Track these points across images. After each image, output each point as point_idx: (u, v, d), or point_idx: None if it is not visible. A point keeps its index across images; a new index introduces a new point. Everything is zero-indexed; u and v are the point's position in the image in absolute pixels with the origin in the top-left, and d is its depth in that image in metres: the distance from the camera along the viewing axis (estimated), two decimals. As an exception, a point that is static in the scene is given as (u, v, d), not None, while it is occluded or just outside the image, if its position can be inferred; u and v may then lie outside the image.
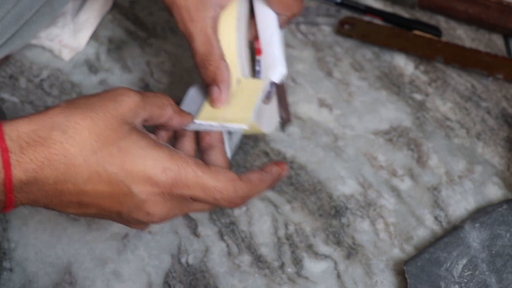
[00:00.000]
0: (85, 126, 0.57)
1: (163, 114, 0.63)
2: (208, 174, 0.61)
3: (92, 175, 0.57)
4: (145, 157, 0.58)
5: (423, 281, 0.69)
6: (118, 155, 0.57)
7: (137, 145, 0.58)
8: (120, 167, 0.57)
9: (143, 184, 0.58)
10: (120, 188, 0.58)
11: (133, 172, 0.58)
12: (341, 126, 0.83)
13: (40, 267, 0.72)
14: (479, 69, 0.85)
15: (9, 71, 0.86)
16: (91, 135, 0.57)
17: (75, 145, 0.56)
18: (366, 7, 0.92)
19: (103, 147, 0.57)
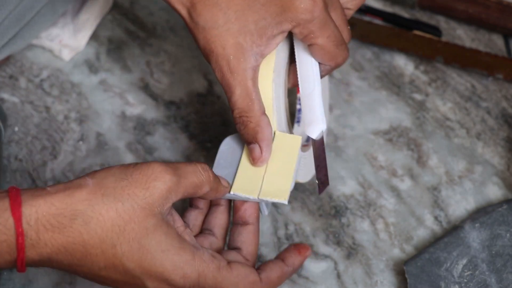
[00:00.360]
0: (108, 218, 0.55)
1: (198, 192, 0.60)
2: (228, 279, 0.59)
3: (108, 265, 0.56)
4: (165, 261, 0.56)
5: (423, 281, 0.69)
6: (137, 253, 0.56)
7: (159, 247, 0.56)
8: (138, 264, 0.56)
9: (158, 282, 0.57)
10: (135, 281, 0.57)
11: (151, 272, 0.56)
12: (341, 126, 0.83)
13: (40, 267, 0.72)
14: (479, 69, 0.85)
15: (9, 71, 0.86)
16: (113, 229, 0.55)
17: (95, 238, 0.55)
18: (366, 7, 0.92)
19: (123, 242, 0.55)
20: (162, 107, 0.83)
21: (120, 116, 0.83)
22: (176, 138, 0.81)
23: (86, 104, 0.84)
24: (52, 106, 0.83)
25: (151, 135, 0.81)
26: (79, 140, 0.81)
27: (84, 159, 0.80)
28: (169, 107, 0.84)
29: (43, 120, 0.82)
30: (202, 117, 0.83)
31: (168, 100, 0.84)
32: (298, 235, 0.75)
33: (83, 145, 0.81)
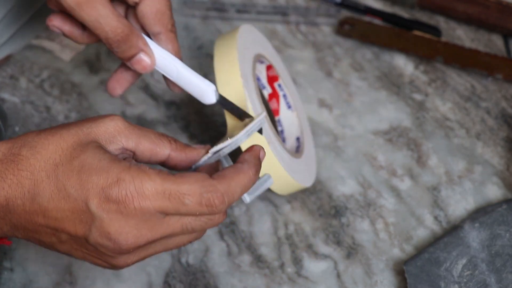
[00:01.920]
0: (53, 141, 0.55)
1: (157, 151, 0.59)
2: (170, 179, 0.54)
3: (53, 191, 0.55)
4: (99, 170, 0.54)
5: (423, 281, 0.69)
6: (76, 169, 0.54)
7: (95, 159, 0.55)
8: (77, 181, 0.54)
9: (98, 198, 0.54)
10: (78, 204, 0.54)
11: (88, 184, 0.54)
12: (341, 126, 0.83)
13: (40, 267, 0.72)
14: (479, 69, 0.85)
15: (10, 71, 0.86)
16: (56, 150, 0.55)
17: (40, 160, 0.55)
18: (366, 7, 0.92)
19: (65, 162, 0.55)
20: (162, 107, 0.84)
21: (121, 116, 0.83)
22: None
23: (87, 104, 0.84)
24: (52, 106, 0.83)
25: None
26: (80, 140, 0.81)
27: (85, 159, 0.80)
28: (169, 107, 0.84)
29: (43, 120, 0.82)
30: (202, 117, 0.83)
31: (168, 100, 0.84)
32: (298, 235, 0.75)
33: (83, 145, 0.81)
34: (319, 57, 0.88)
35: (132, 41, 0.63)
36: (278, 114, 0.78)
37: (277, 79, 0.78)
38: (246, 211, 0.76)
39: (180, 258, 0.73)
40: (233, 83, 0.68)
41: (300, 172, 0.73)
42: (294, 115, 0.78)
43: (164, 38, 0.66)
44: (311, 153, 0.78)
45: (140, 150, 0.58)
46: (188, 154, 0.60)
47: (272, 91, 0.78)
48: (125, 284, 0.71)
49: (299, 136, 0.77)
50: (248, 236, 0.75)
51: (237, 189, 0.56)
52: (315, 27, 0.91)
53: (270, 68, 0.77)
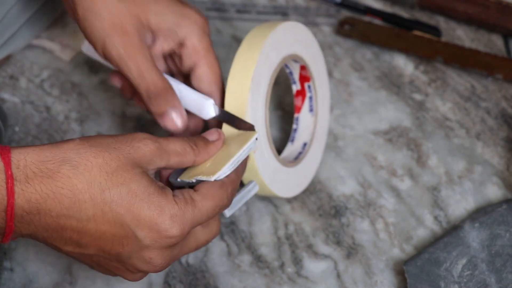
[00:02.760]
0: (96, 164, 0.56)
1: (183, 161, 0.62)
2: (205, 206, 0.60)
3: (96, 213, 0.55)
4: (151, 204, 0.57)
5: (423, 281, 0.69)
6: (126, 197, 0.56)
7: (146, 191, 0.57)
8: (127, 209, 0.56)
9: (148, 230, 0.57)
10: (124, 230, 0.56)
11: (139, 217, 0.56)
12: (341, 126, 0.83)
13: (40, 267, 0.72)
14: (479, 69, 0.85)
15: (10, 71, 0.86)
16: (101, 174, 0.56)
17: (83, 182, 0.55)
18: (366, 8, 0.92)
19: (112, 187, 0.56)
20: (162, 107, 0.84)
21: (121, 116, 0.83)
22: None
23: (87, 104, 0.84)
24: (52, 106, 0.83)
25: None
26: (80, 140, 0.81)
27: (85, 159, 0.80)
28: (169, 107, 0.84)
29: (43, 120, 0.82)
30: (202, 117, 0.83)
31: (168, 100, 0.84)
32: (298, 235, 0.75)
33: (83, 145, 0.81)
34: (319, 57, 0.88)
35: (168, 97, 0.66)
36: (299, 112, 0.78)
37: (308, 80, 0.77)
38: (246, 211, 0.76)
39: (180, 258, 0.73)
40: (242, 83, 0.68)
41: (284, 182, 0.73)
42: (312, 120, 0.78)
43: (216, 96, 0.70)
44: (314, 160, 0.78)
45: (170, 165, 0.61)
46: (210, 153, 0.64)
47: (301, 89, 0.77)
48: (125, 284, 0.71)
49: (306, 142, 0.77)
50: (248, 236, 0.75)
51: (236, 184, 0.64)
52: (315, 27, 0.91)
53: (304, 68, 0.76)
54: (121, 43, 0.64)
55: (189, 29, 0.67)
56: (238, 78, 0.68)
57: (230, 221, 0.76)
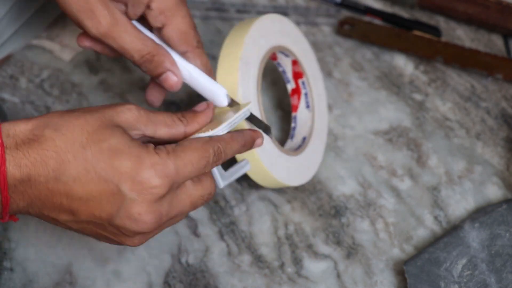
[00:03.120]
0: (78, 124, 0.57)
1: (173, 132, 0.63)
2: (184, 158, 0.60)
3: (80, 172, 0.56)
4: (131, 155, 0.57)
5: (423, 281, 0.69)
6: (107, 152, 0.57)
7: (126, 144, 0.58)
8: (108, 163, 0.57)
9: (131, 182, 0.57)
10: (108, 186, 0.57)
11: (121, 169, 0.57)
12: (341, 126, 0.83)
13: (40, 267, 0.72)
14: (479, 69, 0.85)
15: (10, 71, 0.86)
16: (82, 132, 0.57)
17: (65, 141, 0.56)
18: (366, 8, 0.92)
19: (93, 144, 0.57)
20: (162, 107, 0.84)
21: (121, 116, 0.83)
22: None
23: (87, 104, 0.84)
24: (52, 106, 0.83)
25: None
26: (80, 140, 0.81)
27: (85, 159, 0.80)
28: (169, 107, 0.84)
29: (43, 120, 0.82)
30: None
31: (168, 100, 0.84)
32: (298, 235, 0.75)
33: (83, 145, 0.81)
34: (319, 57, 0.88)
35: (158, 61, 0.67)
36: (296, 110, 0.79)
37: (301, 76, 0.78)
38: (246, 211, 0.76)
39: (180, 258, 0.73)
40: (231, 63, 0.70)
41: (284, 168, 0.73)
42: (310, 115, 0.78)
43: (192, 56, 0.69)
44: (316, 154, 0.78)
45: (158, 135, 0.62)
46: (200, 122, 0.65)
47: (296, 87, 0.78)
48: (125, 284, 0.71)
49: (305, 136, 0.77)
50: (248, 236, 0.75)
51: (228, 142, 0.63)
52: (315, 27, 0.91)
53: (296, 63, 0.77)
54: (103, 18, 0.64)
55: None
56: (227, 60, 0.70)
57: (230, 221, 0.76)
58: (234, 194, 0.78)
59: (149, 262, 0.73)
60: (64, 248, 0.73)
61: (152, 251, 0.73)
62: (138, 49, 0.66)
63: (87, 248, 0.73)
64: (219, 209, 0.76)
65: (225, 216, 0.76)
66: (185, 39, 0.68)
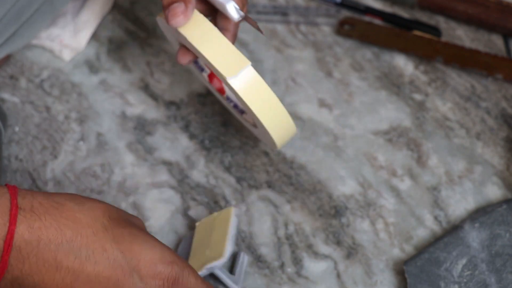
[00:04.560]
0: (101, 206, 0.56)
1: None
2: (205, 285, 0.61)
3: (96, 250, 0.54)
4: (154, 247, 0.57)
5: (423, 281, 0.69)
6: (128, 238, 0.56)
7: (148, 236, 0.57)
8: (128, 248, 0.56)
9: (147, 270, 0.56)
10: (121, 271, 0.55)
11: (140, 256, 0.56)
12: (341, 126, 0.83)
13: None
14: (479, 69, 0.85)
15: (10, 71, 0.86)
16: (104, 216, 0.56)
17: (87, 217, 0.55)
18: (366, 7, 0.92)
19: (114, 228, 0.56)
20: (162, 107, 0.84)
21: (120, 116, 0.83)
22: (176, 138, 0.82)
23: (87, 104, 0.84)
24: (52, 106, 0.83)
25: (151, 135, 0.82)
26: (80, 140, 0.81)
27: (85, 159, 0.80)
28: (169, 107, 0.84)
29: (43, 120, 0.82)
30: (202, 117, 0.83)
31: (168, 100, 0.84)
32: (298, 235, 0.75)
33: (83, 145, 0.81)
34: (319, 57, 0.88)
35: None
36: (224, 92, 0.77)
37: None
38: (246, 211, 0.76)
39: (180, 258, 0.73)
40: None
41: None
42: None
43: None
44: None
45: None
46: None
47: (210, 72, 0.77)
48: (125, 284, 0.71)
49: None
50: (248, 236, 0.75)
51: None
52: (315, 27, 0.91)
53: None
54: None
55: None
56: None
57: (230, 221, 0.76)
58: (234, 194, 0.78)
59: (149, 262, 0.73)
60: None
61: (152, 251, 0.73)
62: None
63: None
64: (219, 209, 0.76)
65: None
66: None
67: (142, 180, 0.79)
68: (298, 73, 0.87)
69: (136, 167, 0.79)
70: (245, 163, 0.80)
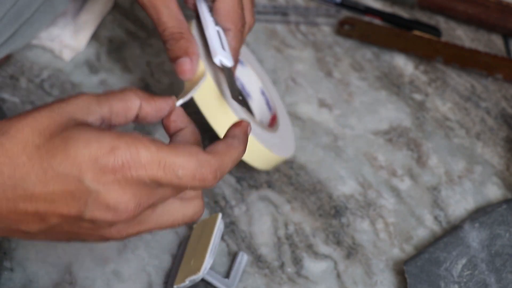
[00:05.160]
0: (26, 123, 0.52)
1: (128, 106, 0.57)
2: (165, 150, 0.53)
3: (38, 173, 0.52)
4: (89, 140, 0.52)
5: (423, 281, 0.69)
6: (62, 145, 0.52)
7: (81, 131, 0.52)
8: (65, 156, 0.51)
9: (92, 171, 0.52)
10: (70, 182, 0.52)
11: (78, 158, 0.51)
12: (341, 126, 0.83)
13: (40, 267, 0.72)
14: (479, 69, 0.85)
15: (10, 71, 0.86)
16: (33, 131, 0.52)
17: (17, 144, 0.52)
18: (365, 8, 0.92)
19: (46, 141, 0.52)
20: (162, 107, 0.84)
21: (121, 116, 0.83)
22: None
23: (87, 104, 0.84)
24: (52, 106, 0.83)
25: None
26: (80, 140, 0.81)
27: (85, 159, 0.80)
28: (169, 107, 0.84)
29: (43, 120, 0.82)
30: (202, 117, 0.83)
31: (168, 100, 0.84)
32: (298, 235, 0.75)
33: (83, 145, 0.81)
34: (319, 57, 0.88)
35: (183, 45, 0.67)
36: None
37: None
38: (246, 211, 0.76)
39: (180, 258, 0.73)
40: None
41: (275, 145, 0.74)
42: (247, 68, 0.79)
43: (232, 35, 0.70)
44: (287, 129, 0.79)
45: (115, 111, 0.57)
46: (157, 102, 0.59)
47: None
48: (125, 284, 0.71)
49: (262, 89, 0.79)
50: (248, 236, 0.75)
51: (229, 164, 0.55)
52: (315, 27, 0.91)
53: None
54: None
55: None
56: None
57: (230, 221, 0.76)
58: (234, 194, 0.78)
59: (149, 262, 0.73)
60: (64, 248, 0.73)
61: (152, 251, 0.73)
62: (171, 25, 0.67)
63: (87, 248, 0.73)
64: (219, 209, 0.76)
65: (225, 216, 0.76)
66: (231, 17, 0.69)
67: (142, 180, 0.78)
68: (298, 73, 0.87)
69: (136, 167, 0.79)
70: (245, 163, 0.80)
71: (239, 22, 0.70)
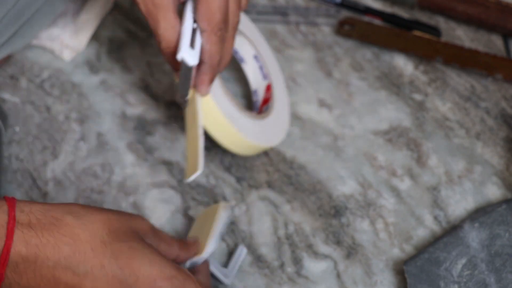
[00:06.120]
0: (100, 219, 0.55)
1: (170, 250, 0.63)
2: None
3: (95, 266, 0.54)
4: (154, 261, 0.56)
5: (423, 281, 0.69)
6: (127, 253, 0.55)
7: (147, 250, 0.57)
8: (127, 263, 0.55)
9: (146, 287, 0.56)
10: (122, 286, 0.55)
11: (139, 272, 0.55)
12: (341, 126, 0.83)
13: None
14: (479, 69, 0.85)
15: (10, 71, 0.86)
16: (104, 229, 0.55)
17: (86, 232, 0.54)
18: (365, 8, 0.92)
19: (113, 242, 0.55)
20: (163, 107, 0.84)
21: (121, 116, 0.83)
22: (176, 138, 0.82)
23: (87, 104, 0.84)
24: (52, 106, 0.83)
25: (151, 135, 0.82)
26: (80, 140, 0.81)
27: (85, 159, 0.80)
28: (170, 107, 0.84)
29: (44, 120, 0.82)
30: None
31: (169, 100, 0.84)
32: (298, 235, 0.75)
33: (83, 145, 0.81)
34: (319, 57, 0.88)
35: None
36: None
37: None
38: (246, 211, 0.76)
39: (180, 258, 0.73)
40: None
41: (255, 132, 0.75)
42: (241, 38, 0.81)
43: (206, 37, 0.68)
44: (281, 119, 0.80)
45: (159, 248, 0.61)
46: (191, 250, 0.66)
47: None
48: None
49: (256, 55, 0.81)
50: (248, 236, 0.75)
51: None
52: (315, 27, 0.91)
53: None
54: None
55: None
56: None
57: (230, 221, 0.76)
58: (234, 194, 0.78)
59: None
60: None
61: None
62: (168, 39, 0.66)
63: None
64: (219, 209, 0.76)
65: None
66: (207, 18, 0.67)
67: (142, 180, 0.79)
68: (298, 73, 0.87)
69: (136, 167, 0.79)
70: (245, 163, 0.80)
71: (216, 25, 0.68)
